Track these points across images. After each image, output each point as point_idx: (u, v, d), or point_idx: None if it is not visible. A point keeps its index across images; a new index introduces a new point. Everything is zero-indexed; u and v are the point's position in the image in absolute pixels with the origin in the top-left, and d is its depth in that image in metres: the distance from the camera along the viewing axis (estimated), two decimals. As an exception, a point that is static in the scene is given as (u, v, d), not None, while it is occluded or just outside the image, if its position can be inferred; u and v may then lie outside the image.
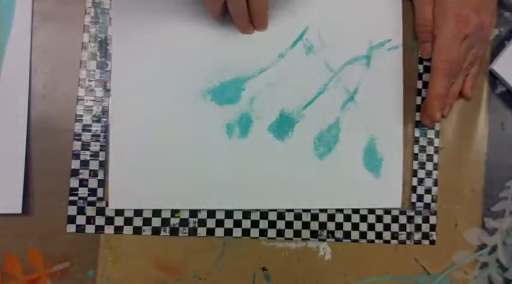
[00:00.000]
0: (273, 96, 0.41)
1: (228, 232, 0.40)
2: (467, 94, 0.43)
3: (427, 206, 0.43)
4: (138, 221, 0.40)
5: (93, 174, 0.40)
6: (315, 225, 0.41)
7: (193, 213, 0.40)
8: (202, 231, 0.40)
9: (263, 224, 0.41)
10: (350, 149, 0.41)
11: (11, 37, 0.39)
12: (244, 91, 0.40)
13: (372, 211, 0.42)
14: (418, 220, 0.42)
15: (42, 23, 0.40)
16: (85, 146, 0.40)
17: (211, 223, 0.40)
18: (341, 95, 0.41)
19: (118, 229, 0.40)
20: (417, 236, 0.42)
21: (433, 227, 0.42)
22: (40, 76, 0.40)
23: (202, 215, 0.40)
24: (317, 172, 0.41)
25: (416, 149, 0.43)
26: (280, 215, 0.41)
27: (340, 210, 0.42)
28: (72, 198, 0.39)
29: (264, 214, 0.41)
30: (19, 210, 0.38)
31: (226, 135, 0.40)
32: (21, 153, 0.38)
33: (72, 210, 0.39)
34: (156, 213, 0.40)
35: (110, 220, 0.40)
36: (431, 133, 0.43)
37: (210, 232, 0.40)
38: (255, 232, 0.41)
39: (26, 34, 0.39)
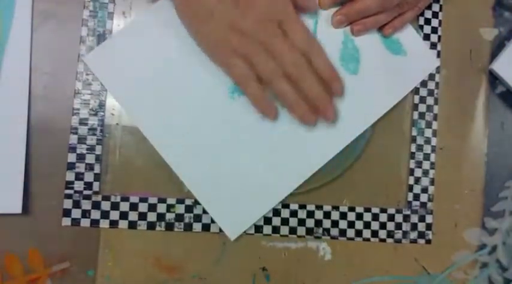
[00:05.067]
0: None
1: (223, 227, 0.41)
2: (385, 31, 0.42)
3: (423, 205, 0.43)
4: (133, 216, 0.40)
5: (89, 167, 0.40)
6: (310, 222, 0.41)
7: (189, 208, 0.40)
8: (197, 226, 0.40)
9: (259, 220, 0.41)
10: None
11: (11, 37, 0.39)
12: None
13: (367, 209, 0.42)
14: (414, 219, 0.42)
15: (42, 23, 0.40)
16: (81, 140, 0.40)
17: (206, 218, 0.40)
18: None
19: (113, 223, 0.40)
20: (413, 235, 0.42)
21: (429, 227, 0.43)
22: (40, 76, 0.40)
23: (198, 210, 0.40)
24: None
25: (413, 148, 0.43)
26: (276, 212, 0.41)
27: (336, 207, 0.42)
28: (67, 191, 0.39)
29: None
30: (19, 210, 0.38)
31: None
32: (21, 153, 0.38)
33: (67, 204, 0.39)
34: (152, 207, 0.40)
35: (105, 214, 0.40)
36: (428, 132, 0.43)
37: (206, 227, 0.40)
38: (250, 229, 0.41)
39: (26, 34, 0.39)
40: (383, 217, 0.42)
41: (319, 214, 0.42)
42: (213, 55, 0.38)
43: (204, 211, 0.40)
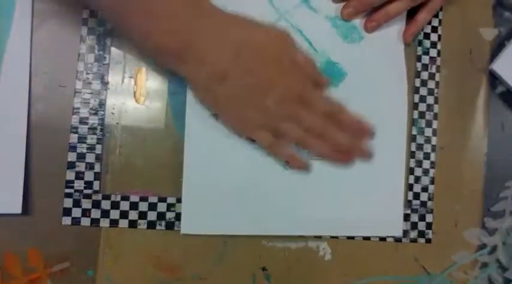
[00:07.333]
0: None
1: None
2: (405, 39, 0.42)
3: (423, 204, 0.43)
4: (133, 215, 0.40)
5: (90, 166, 0.40)
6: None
7: None
8: None
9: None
10: None
11: (11, 37, 0.39)
12: None
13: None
14: (414, 218, 0.42)
15: (42, 23, 0.40)
16: (82, 139, 0.40)
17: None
18: None
19: (113, 223, 0.40)
20: (413, 234, 0.42)
21: (429, 226, 0.43)
22: (40, 76, 0.40)
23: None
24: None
25: (413, 147, 0.43)
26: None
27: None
28: (68, 191, 0.39)
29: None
30: (19, 210, 0.38)
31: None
32: (21, 153, 0.38)
33: (68, 203, 0.39)
34: (152, 206, 0.40)
35: (105, 213, 0.40)
36: (428, 132, 0.43)
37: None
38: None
39: (26, 34, 0.39)
40: (383, 217, 0.42)
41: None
42: (240, 132, 0.39)
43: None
